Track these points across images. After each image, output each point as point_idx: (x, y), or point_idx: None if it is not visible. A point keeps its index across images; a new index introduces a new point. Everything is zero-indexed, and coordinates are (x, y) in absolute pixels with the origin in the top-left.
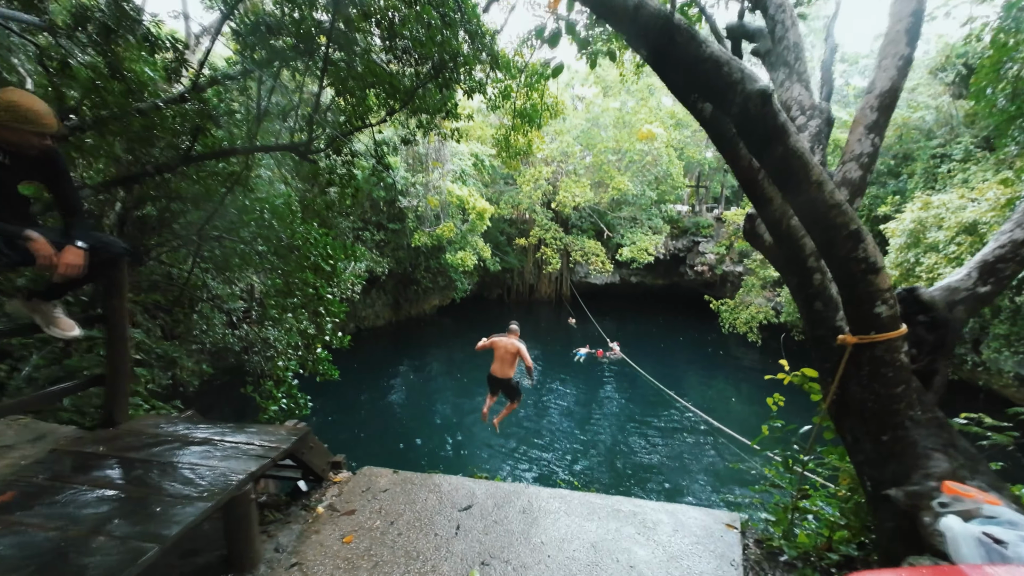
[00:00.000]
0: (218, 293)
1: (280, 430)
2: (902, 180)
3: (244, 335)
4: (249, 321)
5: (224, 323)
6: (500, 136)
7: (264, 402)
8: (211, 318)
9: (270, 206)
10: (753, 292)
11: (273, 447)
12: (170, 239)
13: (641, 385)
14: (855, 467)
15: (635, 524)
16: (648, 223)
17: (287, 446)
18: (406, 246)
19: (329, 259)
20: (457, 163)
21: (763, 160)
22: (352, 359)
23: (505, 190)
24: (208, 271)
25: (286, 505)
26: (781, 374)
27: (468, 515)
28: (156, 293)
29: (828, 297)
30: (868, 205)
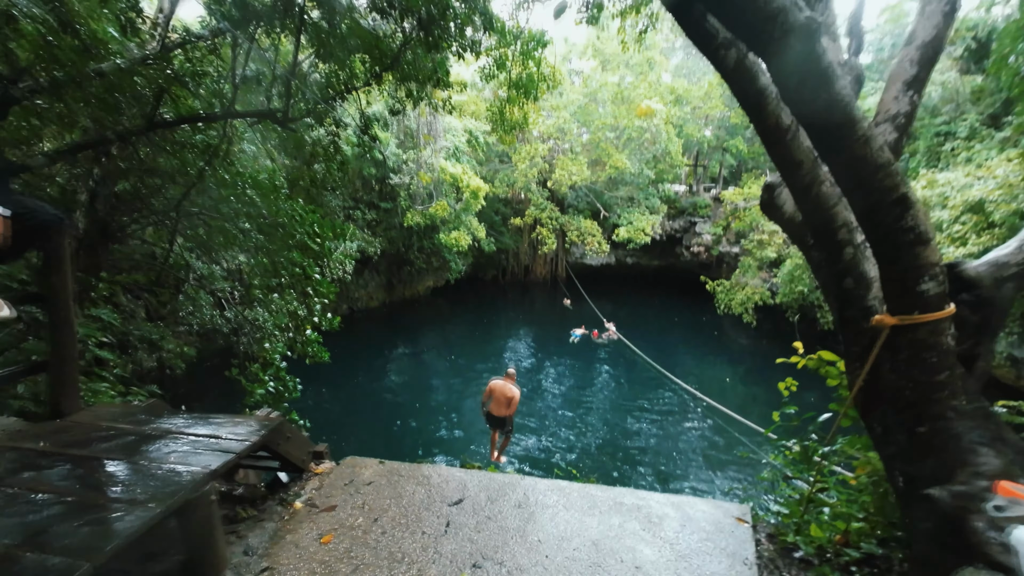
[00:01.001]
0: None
1: (251, 421)
2: (903, 159)
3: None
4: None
5: (211, 304)
6: (495, 109)
7: (250, 386)
8: (197, 299)
9: (252, 181)
10: (749, 273)
11: (240, 441)
12: (147, 216)
13: (637, 367)
14: (884, 460)
15: (639, 519)
16: (645, 203)
17: (255, 439)
18: (398, 225)
19: (316, 237)
20: (450, 139)
21: (802, 111)
22: (345, 341)
23: (500, 168)
24: (192, 250)
25: (262, 499)
26: (795, 357)
27: (459, 510)
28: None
29: (860, 274)
30: None
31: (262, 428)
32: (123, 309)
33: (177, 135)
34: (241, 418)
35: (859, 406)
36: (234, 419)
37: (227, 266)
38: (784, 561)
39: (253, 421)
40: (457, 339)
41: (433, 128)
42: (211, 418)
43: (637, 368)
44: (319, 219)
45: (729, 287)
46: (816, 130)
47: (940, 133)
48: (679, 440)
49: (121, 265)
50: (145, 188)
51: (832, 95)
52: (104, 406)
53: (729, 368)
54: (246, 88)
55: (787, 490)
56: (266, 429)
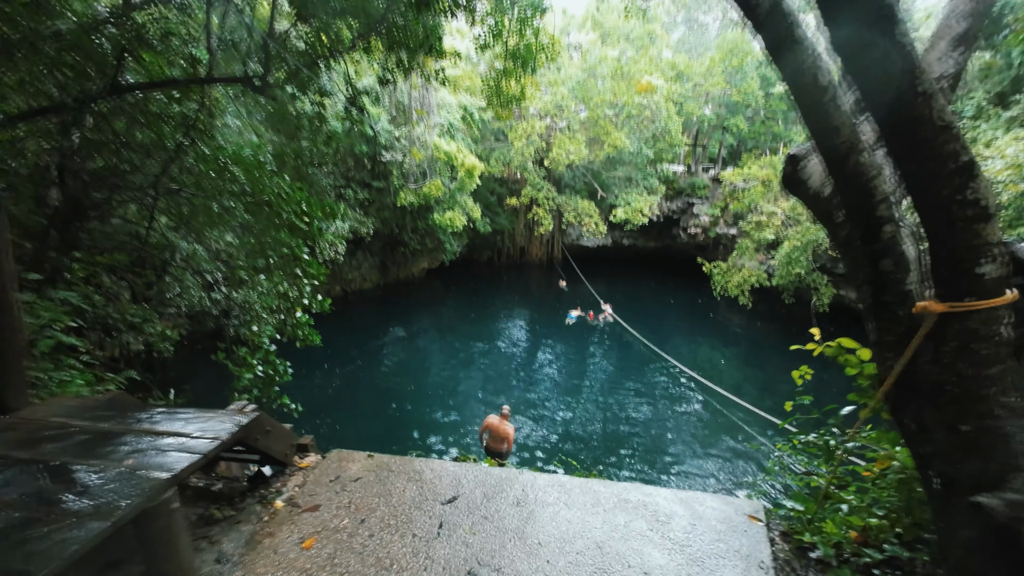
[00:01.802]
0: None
1: (224, 416)
2: None
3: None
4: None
5: (200, 285)
6: (490, 82)
7: (238, 370)
8: (184, 280)
9: (235, 156)
10: (746, 255)
11: (209, 440)
12: (123, 193)
13: (633, 349)
14: (917, 459)
15: (646, 517)
16: (643, 183)
17: (226, 438)
18: (391, 205)
19: (305, 216)
20: (444, 115)
21: (854, 62)
22: (339, 323)
23: (496, 147)
24: (176, 229)
25: (241, 496)
26: (811, 344)
27: (453, 509)
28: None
29: (900, 254)
30: None
31: (236, 424)
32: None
33: (152, 106)
34: (213, 412)
35: (889, 399)
36: (205, 414)
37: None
38: (801, 563)
39: (226, 416)
40: (452, 321)
41: (426, 103)
42: (179, 412)
43: (633, 350)
44: (307, 197)
45: (726, 269)
46: (869, 83)
47: None
48: (675, 422)
49: (103, 245)
50: (121, 163)
51: (893, 40)
52: (60, 400)
53: (724, 350)
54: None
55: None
56: (239, 426)
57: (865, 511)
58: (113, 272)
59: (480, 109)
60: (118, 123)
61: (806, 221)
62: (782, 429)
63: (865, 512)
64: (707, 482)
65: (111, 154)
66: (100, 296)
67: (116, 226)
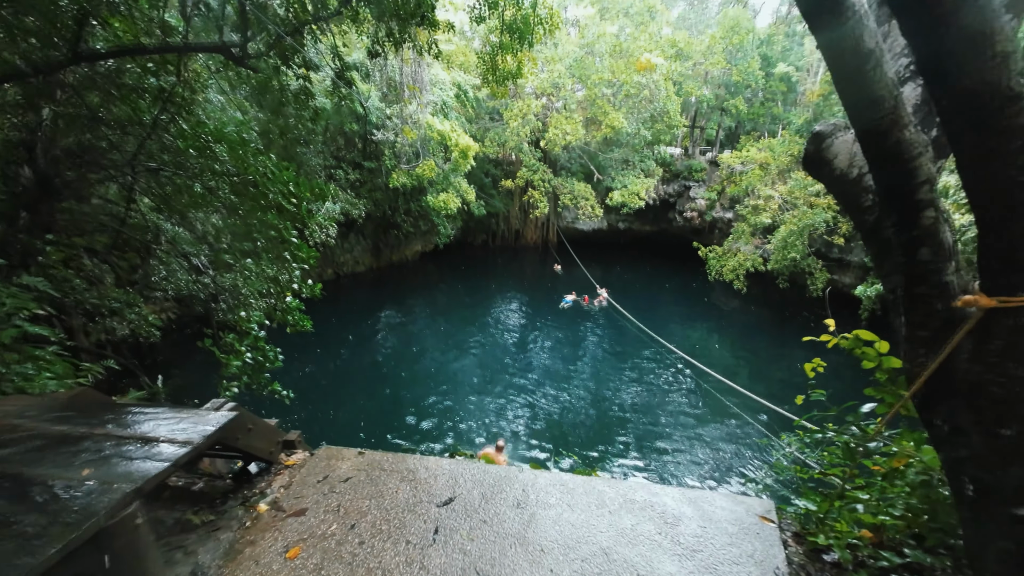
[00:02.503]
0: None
1: (199, 416)
2: None
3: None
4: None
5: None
6: (486, 57)
7: (225, 357)
8: (169, 263)
9: (216, 133)
10: (742, 239)
11: (180, 445)
12: (97, 171)
13: (628, 333)
14: (946, 463)
15: (654, 519)
16: (640, 165)
17: (200, 442)
18: (384, 187)
19: (292, 197)
20: (438, 93)
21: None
22: (331, 307)
23: (490, 126)
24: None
25: (223, 498)
26: (826, 336)
27: (449, 512)
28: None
29: (940, 242)
30: None
31: (211, 426)
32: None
33: (126, 78)
34: (187, 412)
35: (918, 398)
36: (179, 413)
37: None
38: (815, 567)
39: (202, 416)
40: (446, 305)
41: (418, 79)
42: (150, 412)
43: (628, 334)
44: (295, 177)
45: (721, 253)
46: (932, 45)
47: None
48: (669, 406)
49: (83, 226)
50: (95, 140)
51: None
52: (15, 399)
53: (718, 334)
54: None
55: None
56: (216, 427)
57: (878, 508)
58: (95, 254)
59: (475, 87)
60: (92, 97)
61: (803, 205)
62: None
63: (878, 509)
64: (701, 468)
65: (84, 130)
66: (81, 280)
67: (96, 206)
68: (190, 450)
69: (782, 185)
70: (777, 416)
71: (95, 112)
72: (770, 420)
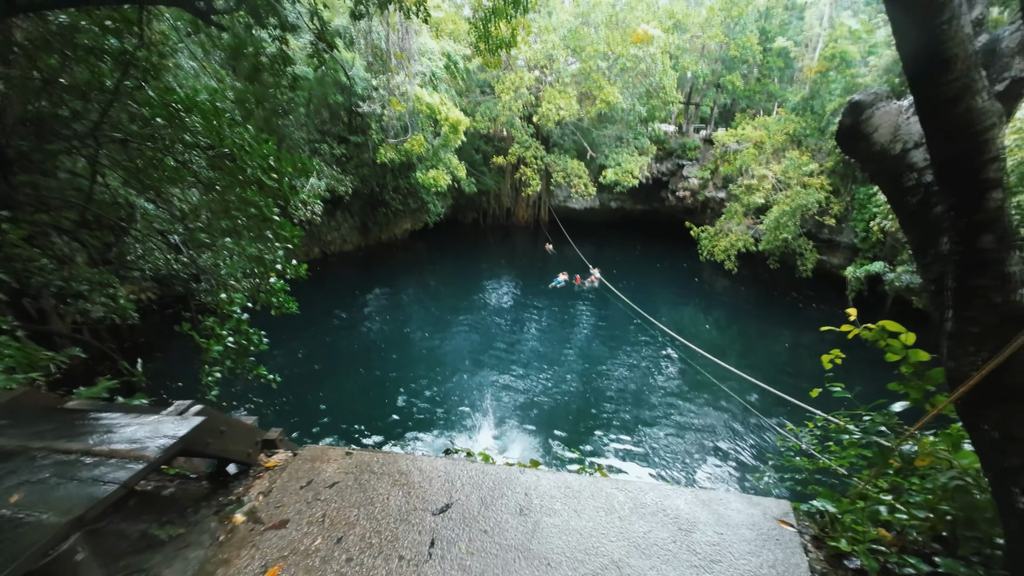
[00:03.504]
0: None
1: (160, 422)
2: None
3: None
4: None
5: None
6: (478, 23)
7: (205, 342)
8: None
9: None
10: (735, 219)
11: (132, 461)
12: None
13: (619, 313)
14: (993, 470)
15: (667, 525)
16: (634, 142)
17: (156, 457)
18: (371, 162)
19: (273, 172)
20: (426, 64)
21: None
22: (318, 287)
23: (481, 100)
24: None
25: (195, 505)
26: (846, 326)
27: (446, 521)
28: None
29: (1005, 228)
30: None
31: (169, 438)
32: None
33: (84, 38)
34: (146, 418)
35: (962, 399)
36: (136, 419)
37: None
38: (839, 575)
39: (162, 423)
40: (436, 285)
41: (406, 47)
42: (101, 418)
43: (619, 314)
44: (275, 150)
45: (713, 233)
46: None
47: None
48: (660, 387)
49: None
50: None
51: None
52: None
53: (708, 314)
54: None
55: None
56: (175, 439)
57: (906, 511)
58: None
59: (465, 57)
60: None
61: (796, 185)
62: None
63: (905, 512)
64: (692, 448)
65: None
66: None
67: (63, 181)
68: (145, 467)
69: (776, 165)
70: (768, 395)
71: (50, 76)
72: (761, 399)
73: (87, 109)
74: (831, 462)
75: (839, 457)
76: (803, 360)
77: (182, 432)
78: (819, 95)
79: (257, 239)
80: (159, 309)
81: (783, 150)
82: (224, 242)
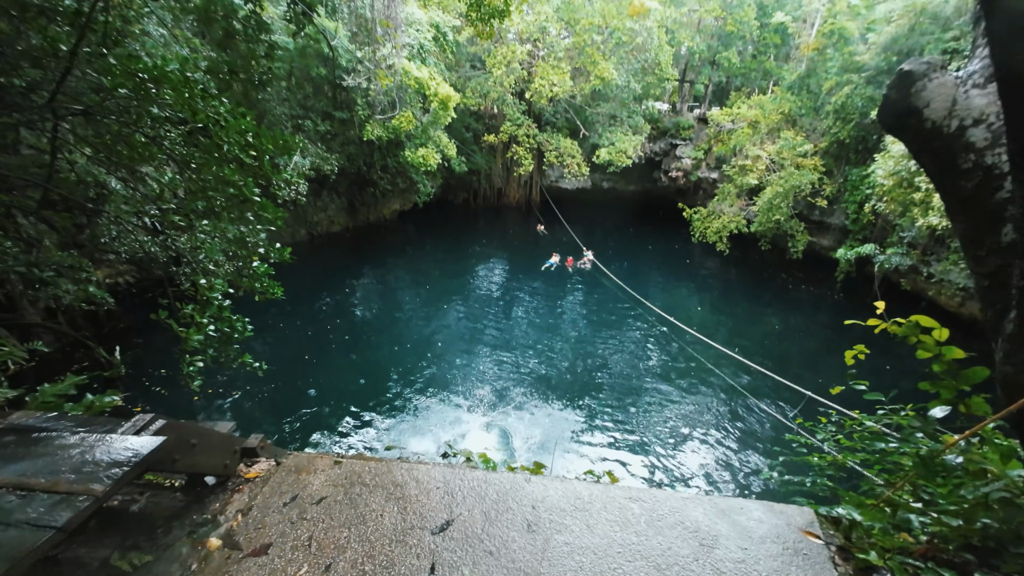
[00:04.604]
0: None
1: (108, 444)
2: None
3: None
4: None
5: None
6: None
7: (184, 331)
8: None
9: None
10: (727, 200)
11: (70, 499)
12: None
13: (612, 296)
14: None
15: (687, 539)
16: (628, 121)
17: (103, 490)
18: (357, 140)
19: (252, 150)
20: (414, 35)
21: None
22: (306, 269)
23: (472, 75)
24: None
25: (166, 525)
26: (873, 320)
27: (447, 541)
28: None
29: None
30: (860, 107)
31: (121, 467)
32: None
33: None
34: (97, 436)
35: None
36: (88, 436)
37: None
38: None
39: (116, 443)
40: (427, 267)
41: (392, 15)
42: (46, 438)
43: (611, 297)
44: (254, 126)
45: (706, 215)
46: None
47: (948, 50)
48: (653, 368)
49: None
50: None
51: None
52: None
53: (699, 295)
54: None
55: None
56: (129, 466)
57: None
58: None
59: (454, 29)
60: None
61: (790, 166)
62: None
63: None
64: (687, 430)
65: None
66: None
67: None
68: (90, 504)
69: (771, 145)
70: (759, 375)
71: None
72: (752, 380)
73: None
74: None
75: (856, 453)
76: (793, 341)
77: (137, 457)
78: (816, 73)
79: (237, 220)
80: (138, 293)
81: (778, 130)
82: (202, 224)
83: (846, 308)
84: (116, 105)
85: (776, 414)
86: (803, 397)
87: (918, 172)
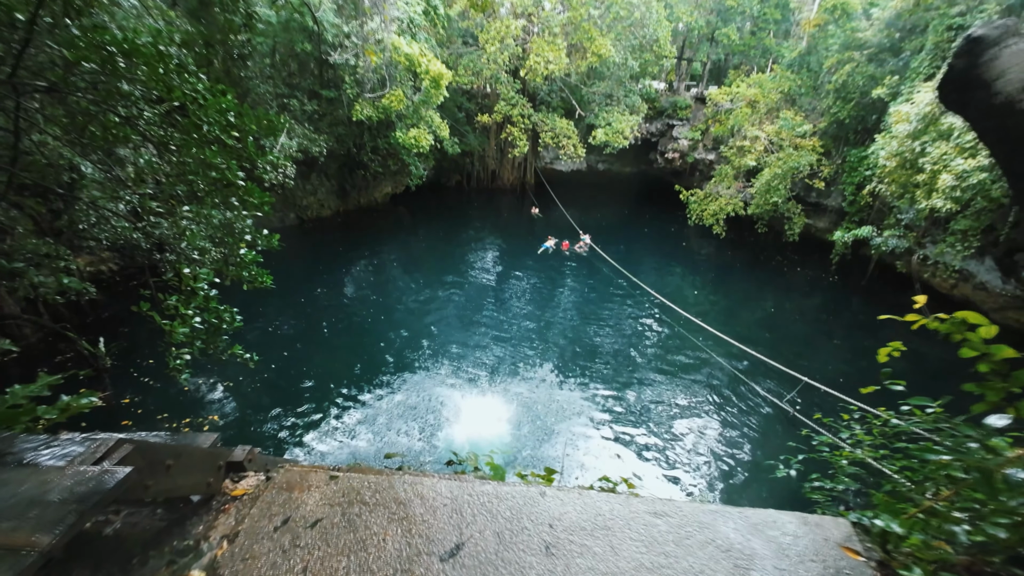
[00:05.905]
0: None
1: (62, 476)
2: (903, 57)
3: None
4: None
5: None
6: None
7: (168, 324)
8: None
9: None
10: (724, 182)
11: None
12: None
13: (608, 279)
14: None
15: (719, 560)
16: (625, 100)
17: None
18: (346, 120)
19: (234, 130)
20: (403, 8)
21: None
22: (296, 254)
23: (464, 52)
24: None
25: (143, 554)
26: (911, 315)
27: (457, 568)
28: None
29: None
30: (861, 86)
31: (76, 506)
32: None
33: None
34: (56, 468)
35: None
36: (37, 470)
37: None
38: None
39: (70, 477)
40: (420, 252)
41: None
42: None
43: (607, 280)
44: (235, 105)
45: (703, 197)
46: None
47: (954, 27)
48: (649, 351)
49: None
50: None
51: None
52: None
53: (695, 277)
54: None
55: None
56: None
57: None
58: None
59: (445, 2)
60: None
61: (788, 147)
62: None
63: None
64: (685, 417)
65: None
66: None
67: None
68: (33, 562)
69: (769, 125)
70: (756, 361)
71: None
72: (750, 365)
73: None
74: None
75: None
76: (789, 325)
77: (98, 495)
78: (816, 50)
79: (222, 206)
80: (123, 280)
81: (777, 110)
82: (183, 210)
83: (841, 290)
84: (83, 81)
85: (775, 399)
86: (798, 381)
87: (922, 153)
